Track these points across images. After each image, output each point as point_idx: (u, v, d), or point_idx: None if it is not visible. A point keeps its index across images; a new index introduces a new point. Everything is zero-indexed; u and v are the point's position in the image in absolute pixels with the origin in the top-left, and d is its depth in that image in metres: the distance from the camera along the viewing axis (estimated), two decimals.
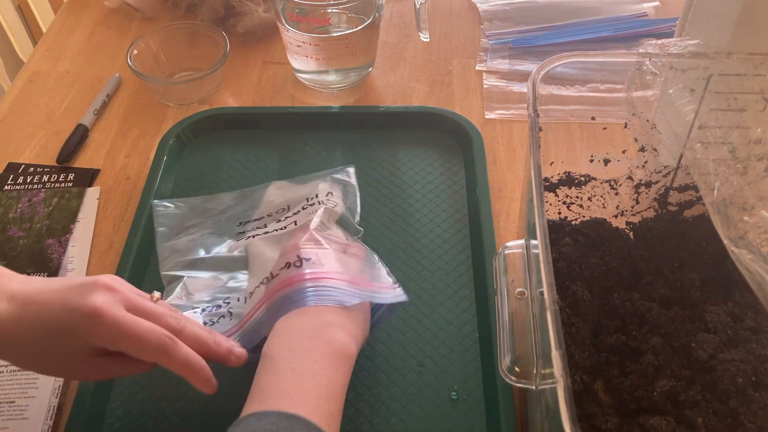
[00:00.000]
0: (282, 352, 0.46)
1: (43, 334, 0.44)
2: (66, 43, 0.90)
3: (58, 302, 0.44)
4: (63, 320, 0.43)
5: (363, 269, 0.55)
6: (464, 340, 0.59)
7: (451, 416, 0.54)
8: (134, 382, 0.57)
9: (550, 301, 0.38)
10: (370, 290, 0.53)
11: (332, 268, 0.52)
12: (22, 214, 0.69)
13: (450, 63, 0.86)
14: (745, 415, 0.44)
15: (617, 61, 0.53)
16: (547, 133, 0.49)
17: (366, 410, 0.54)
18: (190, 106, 0.80)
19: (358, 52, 0.78)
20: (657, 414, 0.45)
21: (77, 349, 0.44)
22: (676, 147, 0.55)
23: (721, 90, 0.50)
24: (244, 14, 0.87)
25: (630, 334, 0.50)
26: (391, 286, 0.54)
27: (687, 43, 0.52)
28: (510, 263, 0.52)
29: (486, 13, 0.92)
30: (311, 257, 0.52)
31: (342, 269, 0.52)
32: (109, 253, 0.66)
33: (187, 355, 0.46)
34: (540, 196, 0.42)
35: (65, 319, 0.43)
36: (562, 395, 0.34)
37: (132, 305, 0.45)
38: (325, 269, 0.51)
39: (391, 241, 0.66)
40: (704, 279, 0.53)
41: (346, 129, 0.77)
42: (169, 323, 0.46)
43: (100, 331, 0.43)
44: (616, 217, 0.59)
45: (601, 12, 0.91)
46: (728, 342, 0.48)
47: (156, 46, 0.82)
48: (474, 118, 0.77)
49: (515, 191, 0.70)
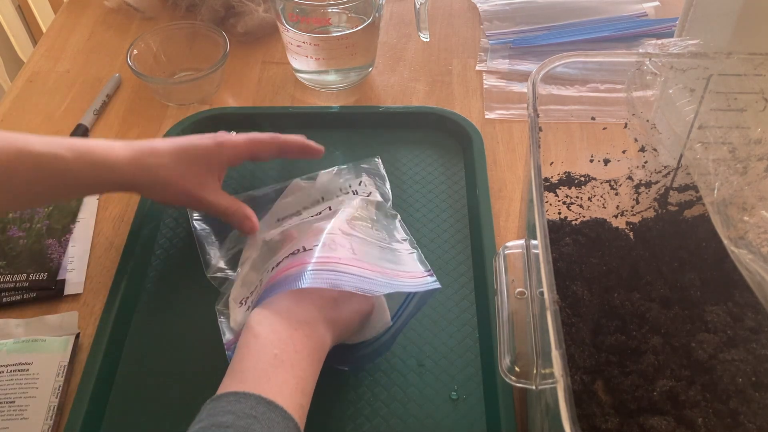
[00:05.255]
0: (267, 331, 0.46)
1: (186, 162, 0.59)
2: (66, 43, 0.90)
3: (196, 142, 0.61)
4: (200, 152, 0.60)
5: (387, 256, 0.55)
6: (464, 340, 0.59)
7: (451, 416, 0.54)
8: (134, 383, 0.57)
9: (550, 301, 0.38)
10: (388, 277, 0.52)
11: (344, 254, 0.52)
12: (22, 214, 0.69)
13: (450, 63, 0.86)
14: (745, 415, 0.44)
15: (617, 61, 0.53)
16: (547, 133, 0.49)
17: (366, 410, 0.54)
18: (190, 106, 0.80)
19: (358, 52, 0.78)
20: (657, 414, 0.45)
21: (209, 170, 0.61)
22: (676, 147, 0.55)
23: (721, 90, 0.50)
24: (244, 14, 0.87)
25: (630, 334, 0.50)
26: (421, 274, 0.54)
27: (687, 43, 0.52)
28: (510, 263, 0.52)
29: (486, 13, 0.92)
30: (324, 243, 0.52)
31: (356, 256, 0.52)
32: (109, 253, 0.66)
33: (293, 137, 0.65)
34: (540, 196, 0.42)
35: (201, 150, 0.60)
36: (562, 395, 0.34)
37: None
38: (336, 254, 0.51)
39: None
40: (704, 279, 0.53)
41: (346, 129, 0.77)
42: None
43: (226, 152, 0.61)
44: (616, 217, 0.59)
45: (601, 12, 0.91)
46: (728, 342, 0.48)
47: (156, 46, 0.82)
48: (474, 118, 0.77)
49: (515, 191, 0.70)
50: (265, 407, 0.42)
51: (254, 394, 0.42)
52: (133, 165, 0.57)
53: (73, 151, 0.54)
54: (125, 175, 0.57)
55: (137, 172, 0.57)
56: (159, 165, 0.58)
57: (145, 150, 0.58)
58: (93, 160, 0.55)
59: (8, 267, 0.64)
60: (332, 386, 0.55)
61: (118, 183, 0.58)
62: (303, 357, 0.46)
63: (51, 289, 0.63)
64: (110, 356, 0.57)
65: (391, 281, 0.51)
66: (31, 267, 0.64)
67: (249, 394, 0.42)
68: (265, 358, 0.45)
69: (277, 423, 0.41)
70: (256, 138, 0.63)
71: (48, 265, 0.65)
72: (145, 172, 0.58)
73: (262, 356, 0.45)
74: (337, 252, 0.51)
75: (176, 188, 0.59)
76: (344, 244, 0.53)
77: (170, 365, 0.58)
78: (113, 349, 0.58)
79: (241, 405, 0.41)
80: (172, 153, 0.59)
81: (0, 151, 0.52)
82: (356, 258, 0.52)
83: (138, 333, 0.60)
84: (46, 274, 0.64)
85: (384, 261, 0.54)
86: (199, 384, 0.47)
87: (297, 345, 0.47)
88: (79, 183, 0.56)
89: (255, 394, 0.42)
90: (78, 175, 0.55)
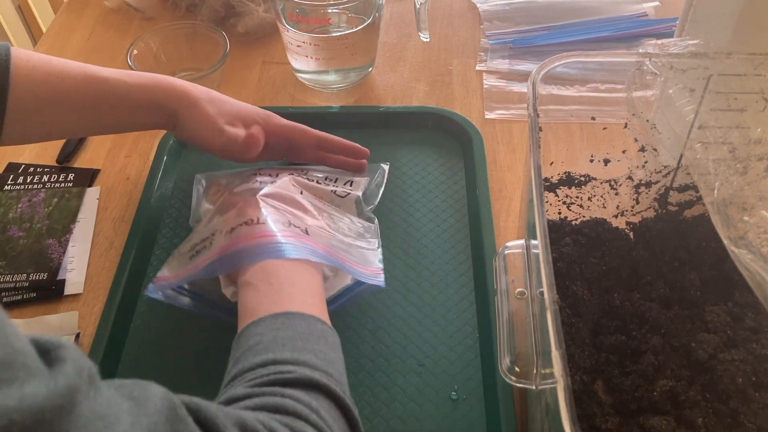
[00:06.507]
0: (257, 274, 0.49)
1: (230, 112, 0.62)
2: (66, 43, 0.90)
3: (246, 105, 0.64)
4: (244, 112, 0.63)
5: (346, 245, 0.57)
6: (464, 340, 0.59)
7: (451, 416, 0.54)
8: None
9: (550, 301, 0.38)
10: (342, 262, 0.54)
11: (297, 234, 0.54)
12: (22, 214, 0.69)
13: (450, 63, 0.86)
14: (745, 415, 0.44)
15: (617, 61, 0.53)
16: (547, 133, 0.49)
17: (366, 410, 0.54)
18: None
19: (358, 52, 0.78)
20: (657, 414, 0.45)
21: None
22: (676, 147, 0.55)
23: (721, 90, 0.50)
24: (244, 14, 0.87)
25: (630, 334, 0.50)
26: (373, 271, 0.56)
27: (687, 43, 0.52)
28: (510, 263, 0.52)
29: (486, 13, 0.92)
30: (278, 219, 0.54)
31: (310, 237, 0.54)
32: (109, 253, 0.66)
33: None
34: (540, 196, 0.42)
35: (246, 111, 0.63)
36: (562, 395, 0.34)
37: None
38: (290, 232, 0.53)
39: (391, 240, 0.66)
40: (704, 279, 0.53)
41: (346, 129, 0.77)
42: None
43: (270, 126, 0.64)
44: (616, 217, 0.59)
45: (601, 12, 0.91)
46: (728, 342, 0.48)
47: (156, 46, 0.82)
48: (474, 118, 0.77)
49: (515, 191, 0.70)
50: (283, 318, 0.45)
51: (269, 314, 0.45)
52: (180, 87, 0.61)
53: (132, 77, 0.60)
54: (173, 96, 0.60)
55: (184, 92, 0.60)
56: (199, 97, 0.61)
57: (200, 90, 0.62)
58: (147, 84, 0.60)
59: (8, 267, 0.64)
60: None
61: (165, 109, 0.60)
62: (299, 272, 0.50)
63: (51, 289, 0.63)
64: (110, 356, 0.57)
65: (345, 266, 0.54)
66: (31, 267, 0.64)
67: (264, 317, 0.45)
68: (265, 290, 0.48)
69: (299, 324, 0.45)
70: (300, 125, 0.66)
71: (48, 265, 0.65)
72: (189, 99, 0.61)
73: (261, 290, 0.48)
74: (290, 230, 0.53)
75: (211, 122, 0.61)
76: (299, 225, 0.55)
77: (170, 365, 0.58)
78: (113, 349, 0.58)
79: (261, 327, 0.45)
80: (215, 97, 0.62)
81: (69, 74, 0.57)
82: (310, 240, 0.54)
83: (138, 333, 0.60)
84: (46, 274, 0.64)
85: (338, 248, 0.56)
86: (200, 384, 0.47)
87: (287, 267, 0.50)
88: (136, 105, 0.60)
89: (268, 314, 0.45)
90: (136, 98, 0.59)
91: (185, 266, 0.55)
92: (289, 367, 0.41)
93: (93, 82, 0.58)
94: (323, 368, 0.42)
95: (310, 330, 0.45)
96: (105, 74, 0.59)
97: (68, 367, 0.27)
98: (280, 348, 0.43)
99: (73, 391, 0.27)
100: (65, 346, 0.29)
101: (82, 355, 0.29)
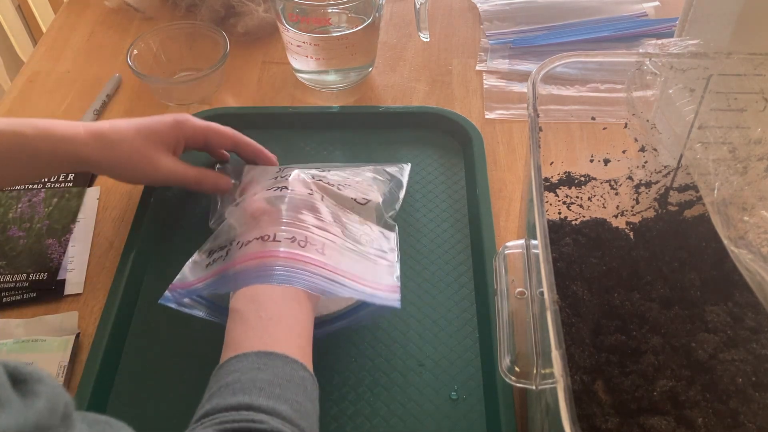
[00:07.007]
0: (247, 304, 0.49)
1: (145, 135, 0.60)
2: (66, 43, 0.90)
3: (156, 119, 0.62)
4: (159, 126, 0.61)
5: (359, 263, 0.55)
6: (464, 340, 0.59)
7: (451, 416, 0.54)
8: (134, 384, 0.57)
9: (550, 301, 0.38)
10: (355, 286, 0.52)
11: (312, 254, 0.52)
12: (22, 214, 0.69)
13: (450, 63, 0.86)
14: (745, 415, 0.44)
15: (617, 61, 0.53)
16: (547, 133, 0.49)
17: (366, 410, 0.54)
18: (190, 106, 0.80)
19: (358, 52, 0.78)
20: (657, 414, 0.45)
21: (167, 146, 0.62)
22: (676, 147, 0.55)
23: (721, 90, 0.50)
24: (244, 14, 0.87)
25: (630, 334, 0.50)
26: (388, 288, 0.54)
27: (687, 43, 0.52)
28: (510, 263, 0.52)
29: (486, 13, 0.92)
30: (294, 237, 0.53)
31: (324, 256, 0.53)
32: (109, 253, 0.66)
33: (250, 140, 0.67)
34: (540, 196, 0.42)
35: (160, 125, 0.62)
36: (562, 395, 0.34)
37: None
38: (304, 252, 0.52)
39: None
40: (704, 279, 0.53)
41: (346, 129, 0.77)
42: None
43: (185, 131, 0.63)
44: (616, 217, 0.59)
45: (601, 12, 0.91)
46: (728, 342, 0.48)
47: (156, 46, 0.82)
48: (474, 118, 0.77)
49: (515, 191, 0.70)
50: (266, 358, 0.45)
51: (252, 351, 0.45)
52: (94, 140, 0.58)
53: (34, 128, 0.56)
54: (86, 150, 0.58)
55: (98, 146, 0.59)
56: (120, 140, 0.59)
57: (105, 127, 0.60)
58: (53, 136, 0.57)
59: (8, 267, 0.64)
60: (332, 386, 0.56)
61: (79, 159, 0.58)
62: (289, 306, 0.49)
63: (51, 289, 0.63)
64: (110, 356, 0.57)
65: (353, 287, 0.52)
66: (31, 267, 0.64)
67: (247, 353, 0.45)
68: (253, 323, 0.48)
69: (280, 368, 0.44)
70: (215, 126, 0.66)
71: (48, 265, 0.65)
72: (107, 146, 0.59)
73: (249, 322, 0.48)
74: (306, 250, 0.52)
75: (136, 161, 0.60)
76: (315, 242, 0.54)
77: (170, 365, 0.58)
78: (113, 349, 0.58)
79: (242, 363, 0.45)
80: (132, 129, 0.60)
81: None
82: (324, 259, 0.53)
83: (138, 333, 0.60)
84: (46, 274, 0.64)
85: (354, 266, 0.54)
86: (200, 384, 0.47)
87: (277, 300, 0.49)
88: (40, 159, 0.57)
89: (253, 351, 0.45)
90: (38, 151, 0.57)
91: (199, 275, 0.55)
92: (262, 416, 0.41)
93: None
94: (296, 422, 0.42)
95: (291, 376, 0.44)
96: (1, 127, 0.56)
97: (41, 405, 0.27)
98: (256, 392, 0.42)
99: (42, 430, 0.27)
100: (44, 380, 0.29)
101: (59, 391, 0.29)
